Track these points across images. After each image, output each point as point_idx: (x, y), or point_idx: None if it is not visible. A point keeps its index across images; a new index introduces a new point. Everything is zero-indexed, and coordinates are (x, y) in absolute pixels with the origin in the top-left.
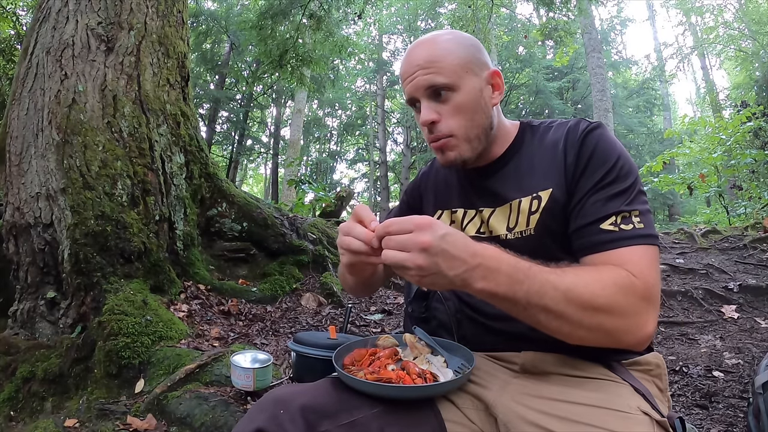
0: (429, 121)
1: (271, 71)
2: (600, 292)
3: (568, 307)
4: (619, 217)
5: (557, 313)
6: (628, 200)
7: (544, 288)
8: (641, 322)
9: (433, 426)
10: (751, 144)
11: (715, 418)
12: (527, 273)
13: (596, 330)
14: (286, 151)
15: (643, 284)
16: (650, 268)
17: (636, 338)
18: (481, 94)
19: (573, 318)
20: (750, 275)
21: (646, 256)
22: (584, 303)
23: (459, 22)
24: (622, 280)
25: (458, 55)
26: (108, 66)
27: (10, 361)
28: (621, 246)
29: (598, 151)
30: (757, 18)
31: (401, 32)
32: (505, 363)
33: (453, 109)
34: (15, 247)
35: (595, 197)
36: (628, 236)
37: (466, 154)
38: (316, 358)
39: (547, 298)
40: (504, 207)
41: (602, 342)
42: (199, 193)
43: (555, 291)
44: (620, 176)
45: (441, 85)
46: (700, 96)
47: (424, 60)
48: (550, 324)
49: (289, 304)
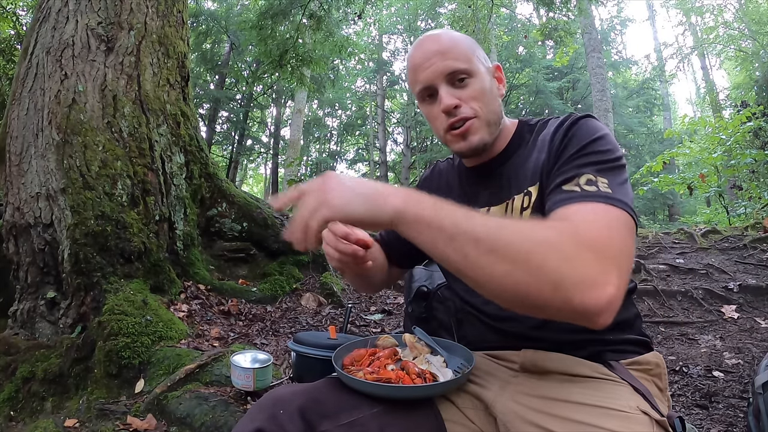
0: (453, 105)
1: (271, 71)
2: (533, 228)
3: (501, 235)
4: (582, 179)
5: (489, 243)
6: (599, 169)
7: (472, 216)
8: (595, 279)
9: (433, 426)
10: (751, 144)
11: (715, 418)
12: (453, 203)
13: (537, 272)
14: (286, 151)
15: (588, 234)
16: (606, 227)
17: (590, 298)
18: (492, 82)
19: (507, 251)
20: (750, 275)
21: (603, 214)
22: (516, 231)
23: (459, 22)
24: (560, 225)
25: (467, 45)
26: (108, 66)
27: (10, 361)
28: (575, 202)
29: (581, 130)
30: (757, 18)
31: (401, 32)
32: (504, 362)
33: (473, 93)
34: (15, 247)
35: (567, 165)
36: (587, 194)
37: (487, 137)
38: (316, 358)
39: (476, 222)
40: (500, 207)
41: (549, 295)
42: (199, 193)
43: (486, 219)
44: (598, 150)
45: (461, 70)
46: (700, 96)
47: (440, 47)
48: (480, 260)
49: (289, 304)
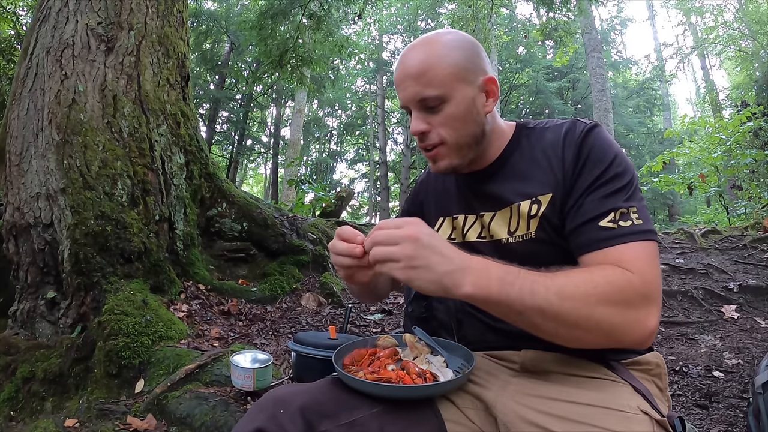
0: (419, 132)
1: (271, 71)
2: (593, 291)
3: (563, 307)
4: (617, 214)
5: (552, 313)
6: (626, 197)
7: (536, 288)
8: (641, 319)
9: (433, 426)
10: (751, 144)
11: (715, 418)
12: (517, 275)
13: (594, 330)
14: (286, 151)
15: (641, 280)
16: (649, 264)
17: (637, 336)
18: (474, 102)
19: (568, 318)
20: (750, 275)
21: (644, 253)
22: (578, 300)
23: (459, 22)
24: (615, 277)
25: (451, 62)
26: (108, 66)
27: (10, 361)
28: (619, 243)
29: (595, 150)
30: (757, 18)
31: (401, 32)
32: (504, 362)
33: (444, 119)
34: (15, 247)
35: (592, 195)
36: (626, 233)
37: (456, 161)
38: (316, 358)
39: (539, 298)
40: (504, 211)
41: (603, 342)
42: (199, 193)
43: (547, 291)
44: (617, 174)
45: (431, 97)
46: (700, 96)
47: (415, 70)
48: (546, 326)
49: (289, 304)
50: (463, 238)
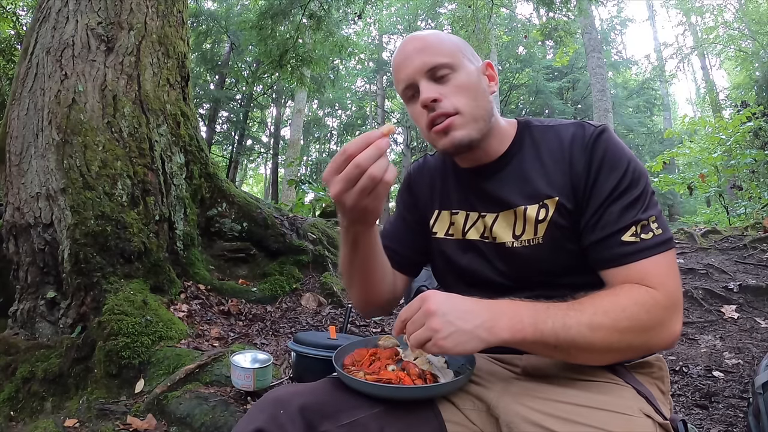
0: (431, 99)
1: (271, 71)
2: (621, 315)
3: (595, 337)
4: (638, 227)
5: (586, 345)
6: (644, 206)
7: (567, 322)
8: (668, 329)
9: (434, 427)
10: (751, 144)
11: (715, 418)
12: (547, 312)
13: (626, 350)
14: (286, 151)
15: (665, 294)
16: (670, 276)
17: (665, 343)
18: (479, 78)
19: (602, 346)
20: (750, 275)
21: (665, 264)
22: (609, 329)
23: (459, 22)
24: (642, 297)
25: (454, 40)
26: (108, 66)
27: (10, 361)
28: (642, 258)
29: (609, 156)
30: (757, 18)
31: (401, 32)
32: (506, 365)
33: (455, 88)
34: (15, 247)
35: (611, 207)
36: (648, 246)
37: (474, 134)
38: (316, 358)
39: (573, 331)
40: (508, 213)
41: (634, 357)
42: (199, 193)
43: (579, 324)
44: (633, 181)
45: (442, 64)
46: (700, 96)
47: (421, 44)
48: (581, 356)
49: (289, 304)
50: (462, 235)
